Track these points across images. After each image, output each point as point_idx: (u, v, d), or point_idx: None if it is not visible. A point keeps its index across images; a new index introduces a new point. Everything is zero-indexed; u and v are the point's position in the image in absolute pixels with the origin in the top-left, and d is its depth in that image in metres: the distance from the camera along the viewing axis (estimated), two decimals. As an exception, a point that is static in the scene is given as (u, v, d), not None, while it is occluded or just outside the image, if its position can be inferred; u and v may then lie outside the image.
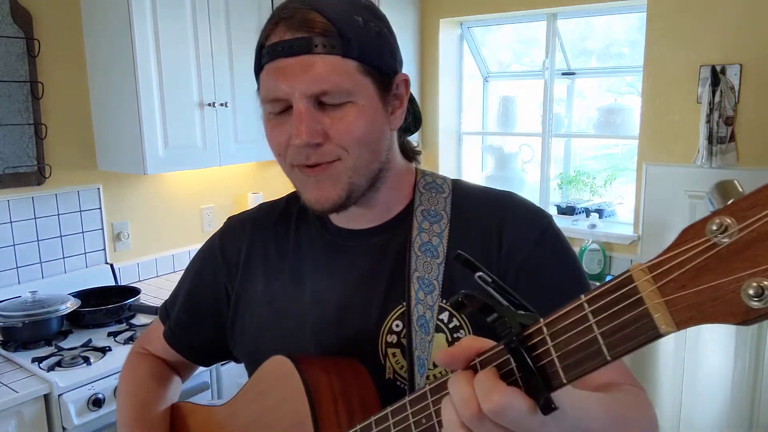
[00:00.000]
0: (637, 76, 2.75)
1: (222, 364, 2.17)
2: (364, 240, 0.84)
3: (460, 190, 0.86)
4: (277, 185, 3.18)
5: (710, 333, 2.54)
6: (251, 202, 2.97)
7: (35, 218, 2.28)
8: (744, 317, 0.38)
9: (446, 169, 3.31)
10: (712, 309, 0.40)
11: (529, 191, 3.25)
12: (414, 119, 0.88)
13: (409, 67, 3.11)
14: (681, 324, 0.41)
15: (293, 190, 0.84)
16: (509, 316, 0.50)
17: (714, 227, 0.39)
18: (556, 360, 0.47)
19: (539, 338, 0.49)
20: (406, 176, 0.86)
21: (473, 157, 3.49)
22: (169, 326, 0.99)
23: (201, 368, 2.01)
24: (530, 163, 3.29)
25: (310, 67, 0.70)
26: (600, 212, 2.91)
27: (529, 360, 0.49)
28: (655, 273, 0.42)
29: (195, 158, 2.43)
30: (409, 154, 0.88)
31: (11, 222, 2.22)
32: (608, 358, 0.45)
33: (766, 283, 0.37)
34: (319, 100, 0.72)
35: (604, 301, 0.45)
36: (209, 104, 2.43)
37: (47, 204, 2.31)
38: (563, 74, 3.07)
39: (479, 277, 0.54)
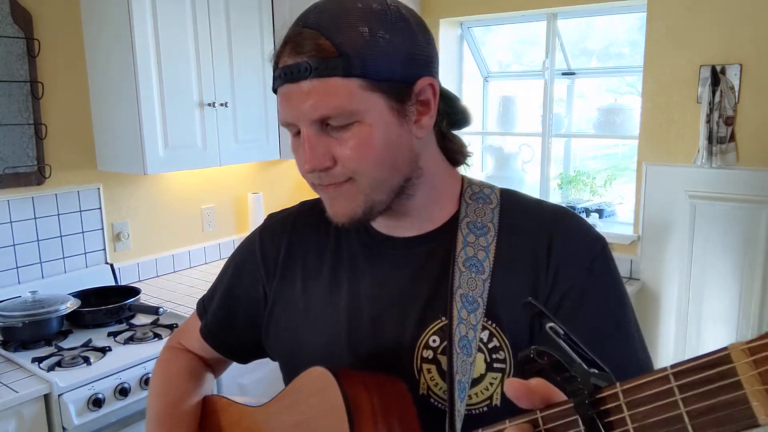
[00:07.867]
0: (637, 76, 2.75)
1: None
2: (405, 249, 0.81)
3: (508, 202, 0.82)
4: (278, 185, 3.18)
5: (711, 334, 2.54)
6: (251, 202, 2.97)
7: (35, 218, 2.28)
8: None
9: (446, 169, 3.30)
10: None
11: (529, 191, 3.22)
12: (448, 118, 0.83)
13: (409, 67, 3.09)
14: None
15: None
16: (582, 375, 0.46)
17: None
18: (631, 431, 0.44)
19: (614, 404, 0.44)
20: (449, 185, 0.83)
21: (473, 157, 3.46)
22: (206, 323, 0.99)
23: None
24: (530, 163, 3.28)
25: (309, 94, 0.69)
26: (600, 212, 2.91)
27: (601, 426, 0.45)
28: (756, 357, 0.38)
29: (195, 158, 2.43)
30: (452, 156, 0.85)
31: (11, 222, 2.22)
32: None
33: None
34: (325, 123, 0.71)
35: (694, 378, 0.41)
36: (209, 104, 2.43)
37: (47, 204, 2.31)
38: (563, 74, 3.07)
39: (551, 328, 0.51)
